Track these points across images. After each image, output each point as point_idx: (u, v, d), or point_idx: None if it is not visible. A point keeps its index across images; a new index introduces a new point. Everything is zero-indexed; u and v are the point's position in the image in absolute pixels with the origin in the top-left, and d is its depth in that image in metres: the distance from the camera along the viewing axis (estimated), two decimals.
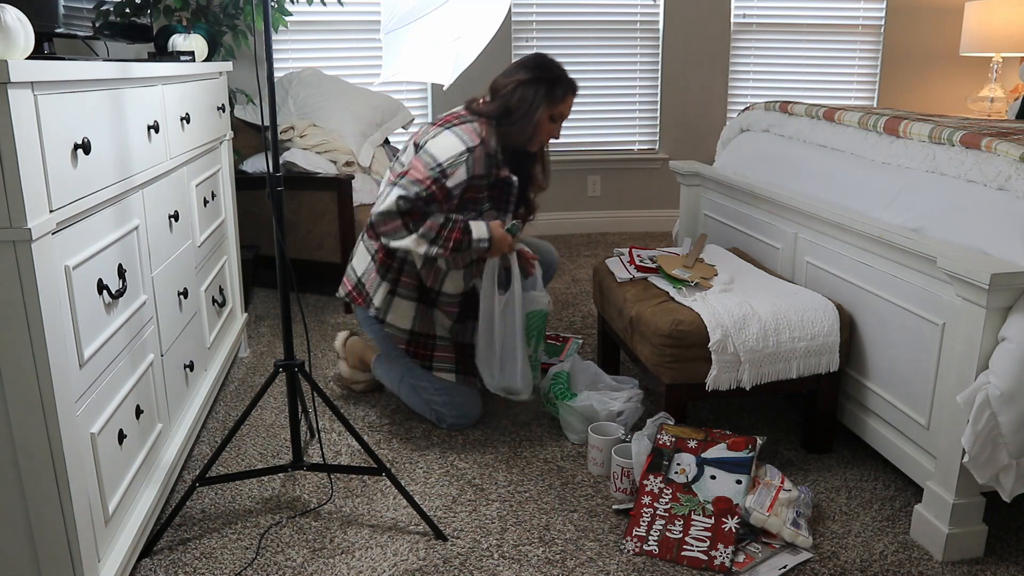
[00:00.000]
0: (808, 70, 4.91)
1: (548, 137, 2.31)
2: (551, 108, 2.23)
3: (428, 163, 2.14)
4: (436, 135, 2.21)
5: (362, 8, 4.37)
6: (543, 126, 2.25)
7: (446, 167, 2.13)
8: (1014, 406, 1.62)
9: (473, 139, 2.18)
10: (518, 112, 2.21)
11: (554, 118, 2.26)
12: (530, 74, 2.22)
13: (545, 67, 2.23)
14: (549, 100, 2.22)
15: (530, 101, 2.20)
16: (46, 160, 1.31)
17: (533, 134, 2.25)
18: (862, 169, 2.40)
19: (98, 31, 2.60)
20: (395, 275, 2.29)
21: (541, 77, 2.21)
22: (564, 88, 2.24)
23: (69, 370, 1.39)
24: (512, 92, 2.21)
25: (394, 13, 2.28)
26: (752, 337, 2.06)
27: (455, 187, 2.15)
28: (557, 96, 2.23)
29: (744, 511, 1.84)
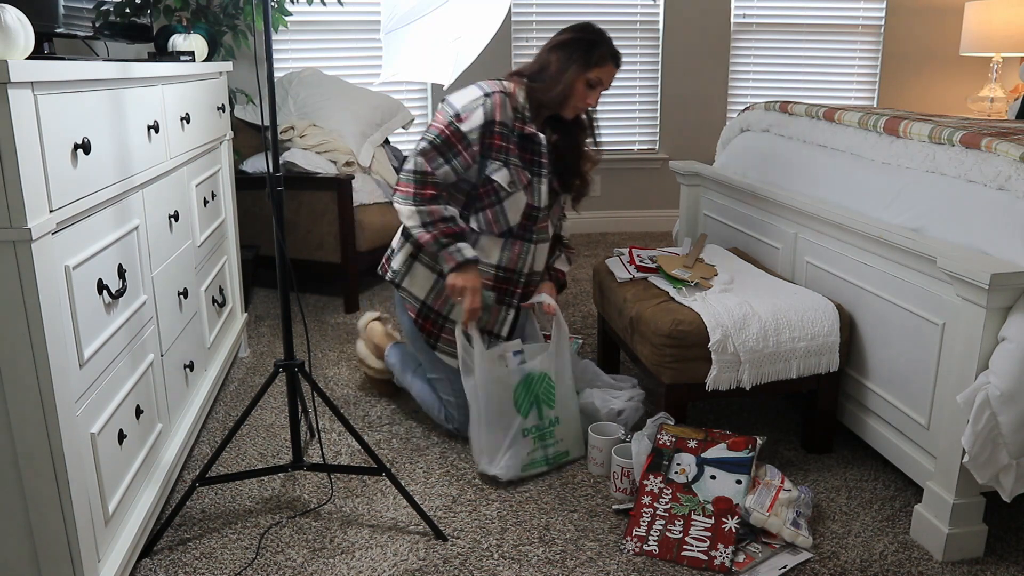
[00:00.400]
0: (808, 70, 4.91)
1: (583, 103, 2.18)
2: (586, 71, 2.13)
3: (446, 111, 2.13)
4: (460, 89, 2.18)
5: (362, 8, 4.37)
6: (577, 89, 2.15)
7: (461, 111, 2.10)
8: (1014, 406, 1.62)
9: (493, 87, 2.14)
10: (550, 69, 2.15)
11: (591, 83, 2.16)
12: (570, 35, 2.17)
13: (587, 29, 2.18)
14: (584, 62, 2.13)
15: (564, 60, 2.13)
16: (46, 160, 1.31)
17: (565, 95, 2.15)
18: (862, 169, 2.40)
19: (98, 31, 2.60)
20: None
21: (580, 38, 2.15)
22: (602, 52, 2.14)
23: (69, 370, 1.39)
24: (548, 50, 2.18)
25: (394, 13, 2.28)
26: (752, 337, 2.06)
27: (470, 131, 2.10)
28: (592, 59, 2.13)
29: (744, 511, 1.84)
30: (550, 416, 2.16)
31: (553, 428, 2.16)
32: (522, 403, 2.12)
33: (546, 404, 2.15)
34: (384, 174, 3.83)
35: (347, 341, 3.12)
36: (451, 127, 2.10)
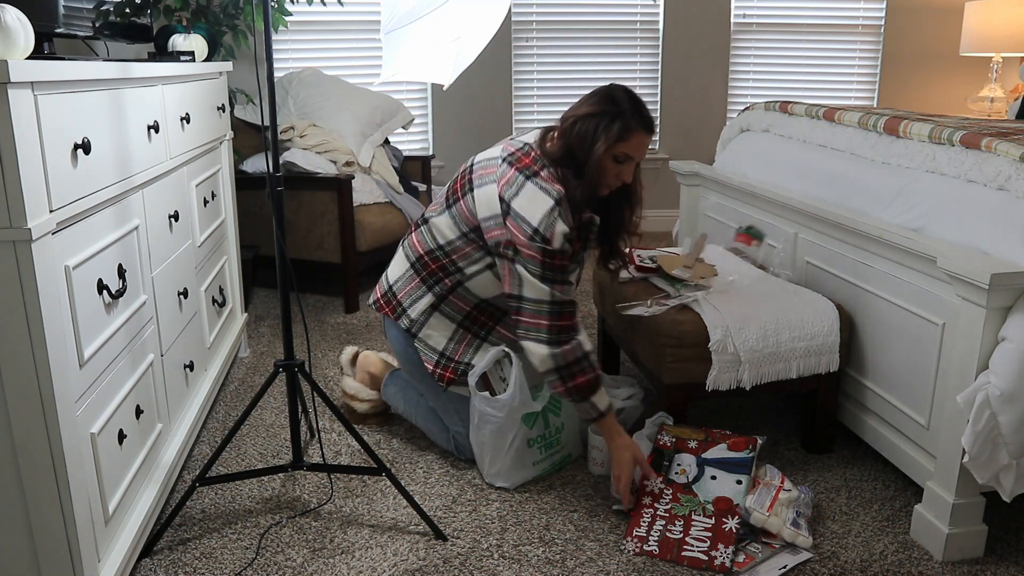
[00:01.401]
0: (808, 70, 4.91)
1: (616, 181, 1.98)
2: (612, 147, 1.91)
3: (526, 231, 1.89)
4: (517, 188, 1.92)
5: (362, 8, 4.37)
6: (606, 167, 1.93)
7: (543, 231, 1.87)
8: (1014, 406, 1.62)
9: (557, 188, 1.90)
10: (579, 151, 1.92)
11: (618, 159, 1.93)
12: (592, 107, 1.93)
13: (611, 100, 1.92)
14: (607, 136, 1.89)
15: (589, 138, 1.90)
16: (46, 160, 1.31)
17: (597, 177, 1.93)
18: (862, 169, 2.40)
19: (98, 31, 2.60)
20: (445, 290, 2.10)
21: (603, 111, 1.91)
22: (627, 124, 1.90)
23: (69, 370, 1.39)
24: (571, 128, 1.94)
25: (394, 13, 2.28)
26: (752, 337, 2.06)
27: (562, 245, 1.89)
28: (614, 132, 1.89)
29: (744, 511, 1.84)
30: (557, 424, 2.14)
31: (559, 435, 2.15)
32: (529, 419, 2.09)
33: (552, 413, 2.14)
34: (384, 174, 3.83)
35: (347, 341, 3.12)
36: (544, 252, 1.88)
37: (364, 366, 2.49)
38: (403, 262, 2.18)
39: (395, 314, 2.16)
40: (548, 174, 1.93)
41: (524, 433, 2.07)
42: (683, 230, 3.25)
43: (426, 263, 2.12)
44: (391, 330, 2.21)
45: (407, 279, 2.16)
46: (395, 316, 2.16)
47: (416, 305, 2.14)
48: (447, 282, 2.10)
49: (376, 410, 2.44)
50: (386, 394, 2.38)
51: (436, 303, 2.12)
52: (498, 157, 2.00)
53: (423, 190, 4.07)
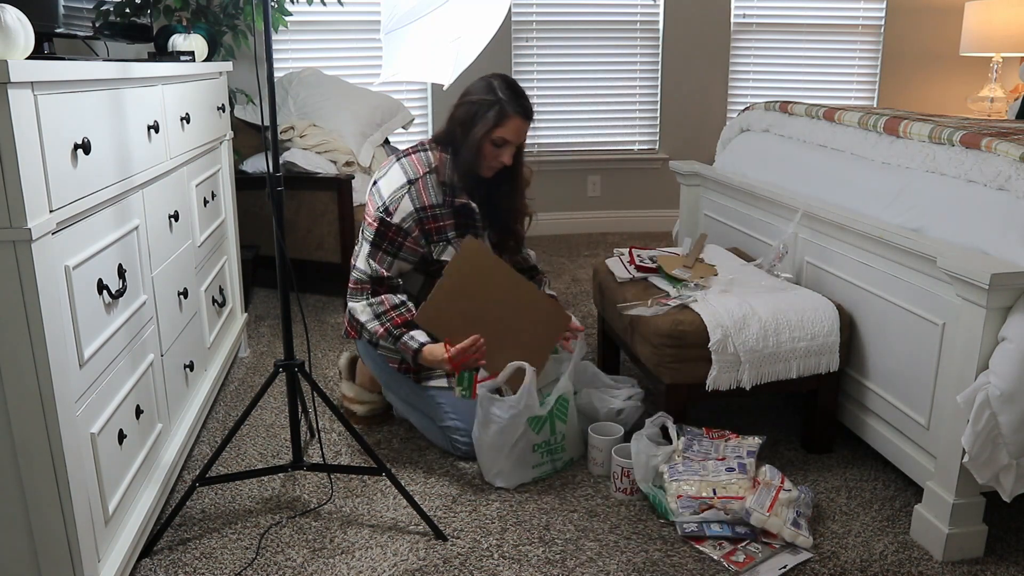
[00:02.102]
0: (808, 70, 4.91)
1: (497, 162, 2.16)
2: (489, 131, 2.10)
3: (376, 202, 2.15)
4: (387, 169, 2.19)
5: (362, 8, 4.37)
6: (485, 150, 2.13)
7: (388, 204, 2.12)
8: (1014, 406, 1.62)
9: (417, 169, 2.15)
10: (459, 134, 2.14)
11: (496, 143, 2.12)
12: (475, 95, 2.14)
13: (490, 88, 2.13)
14: (485, 122, 2.09)
15: (468, 123, 2.12)
16: (46, 160, 1.31)
17: (476, 159, 2.13)
18: (862, 169, 2.40)
19: (98, 31, 2.60)
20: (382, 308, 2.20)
21: (482, 99, 2.12)
22: (502, 111, 2.09)
23: (69, 370, 1.39)
24: (454, 113, 2.17)
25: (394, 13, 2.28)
26: (752, 337, 2.06)
27: (403, 220, 2.12)
28: (490, 119, 2.09)
29: (745, 512, 1.84)
30: (563, 431, 2.14)
31: (564, 441, 2.15)
32: (535, 422, 2.08)
33: (559, 419, 2.13)
34: None
35: (347, 341, 3.12)
36: (382, 222, 2.12)
37: (364, 369, 2.48)
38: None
39: (358, 333, 2.25)
40: (417, 158, 2.15)
41: (530, 438, 2.07)
42: (683, 230, 3.25)
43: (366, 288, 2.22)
44: (361, 348, 2.32)
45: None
46: (358, 335, 2.25)
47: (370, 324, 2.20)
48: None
49: (375, 413, 2.44)
50: (388, 396, 2.40)
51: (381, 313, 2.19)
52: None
53: None
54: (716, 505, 1.85)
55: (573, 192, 4.90)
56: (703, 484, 1.89)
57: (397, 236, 2.13)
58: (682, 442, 2.03)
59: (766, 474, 1.95)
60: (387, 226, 2.12)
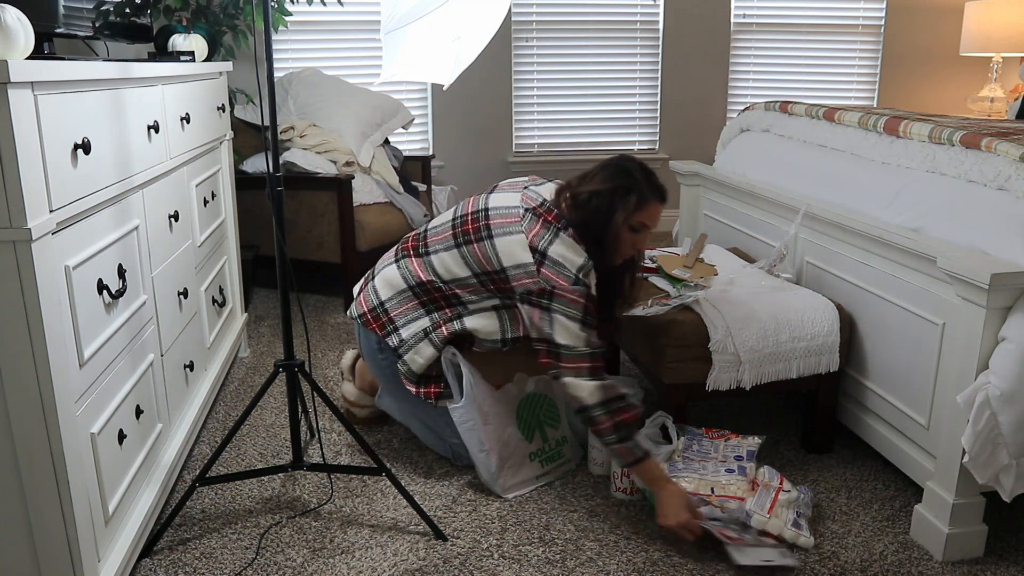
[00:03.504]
0: (808, 70, 4.91)
1: (632, 250, 2.02)
2: (630, 217, 1.94)
3: (567, 276, 1.90)
4: (549, 240, 1.93)
5: (362, 8, 4.37)
6: (623, 238, 1.97)
7: (583, 277, 1.91)
8: (1014, 406, 1.62)
9: (582, 245, 1.94)
10: (595, 224, 1.95)
11: (635, 228, 1.97)
12: (608, 181, 1.96)
13: (625, 172, 1.97)
14: (625, 208, 1.93)
15: (605, 212, 1.93)
16: (46, 160, 1.31)
17: (614, 247, 1.97)
18: (862, 169, 2.40)
19: (98, 31, 2.60)
20: (443, 318, 2.09)
21: (619, 185, 1.95)
22: (642, 195, 1.95)
23: (69, 370, 1.39)
24: (588, 201, 1.95)
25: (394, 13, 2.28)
26: (752, 337, 2.06)
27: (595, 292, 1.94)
28: (631, 204, 1.93)
29: (745, 514, 1.84)
30: (556, 437, 2.14)
31: (561, 448, 2.15)
32: (523, 427, 2.08)
33: (549, 425, 2.12)
34: (384, 174, 3.83)
35: (347, 341, 3.12)
36: (587, 296, 1.91)
37: (364, 373, 2.45)
38: (399, 283, 2.13)
39: (383, 331, 2.12)
40: (574, 233, 1.95)
41: (525, 448, 2.06)
42: (683, 230, 3.25)
43: (428, 290, 2.09)
44: (367, 343, 2.19)
45: (403, 300, 2.12)
46: (383, 333, 2.13)
47: (410, 326, 2.10)
48: (448, 312, 2.09)
49: (375, 415, 2.44)
50: (381, 404, 2.35)
51: (430, 328, 2.09)
52: (519, 207, 1.99)
53: (423, 190, 4.07)
54: (713, 503, 1.85)
55: None
56: (701, 483, 1.89)
57: (595, 307, 1.95)
58: (682, 442, 2.03)
59: (764, 475, 1.95)
60: (591, 300, 1.92)
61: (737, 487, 1.88)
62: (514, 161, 4.77)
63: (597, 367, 1.92)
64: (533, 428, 2.09)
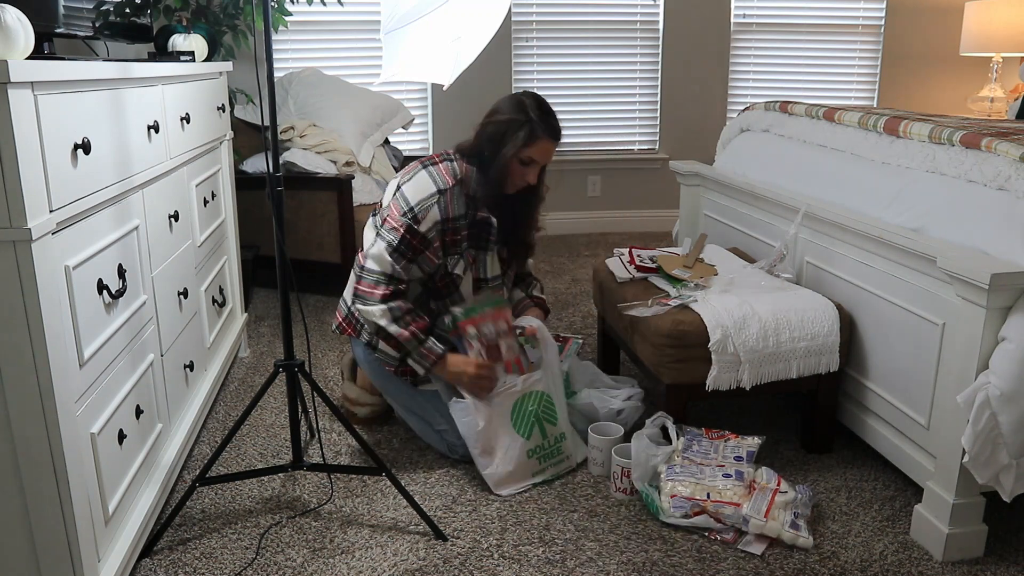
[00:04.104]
0: (808, 70, 4.91)
1: (523, 181, 2.15)
2: (519, 151, 2.09)
3: (401, 207, 2.09)
4: (413, 175, 2.14)
5: (362, 8, 4.37)
6: (512, 169, 2.12)
7: (417, 211, 2.08)
8: (1014, 406, 1.62)
9: (447, 180, 2.12)
10: (487, 151, 2.11)
11: (524, 161, 2.11)
12: (505, 114, 2.12)
13: (521, 107, 2.12)
14: (515, 142, 2.08)
15: (497, 141, 2.09)
16: (46, 160, 1.31)
17: (503, 177, 2.12)
18: (862, 169, 2.40)
19: (98, 31, 2.60)
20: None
21: (512, 118, 2.10)
22: (533, 131, 2.09)
23: (69, 370, 1.39)
24: (483, 130, 2.13)
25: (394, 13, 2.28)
26: (752, 337, 2.06)
27: (428, 230, 2.09)
28: (520, 138, 2.08)
29: (742, 519, 1.85)
30: (555, 434, 2.14)
31: (560, 445, 2.15)
32: (520, 424, 2.09)
33: (548, 422, 2.13)
34: (384, 174, 3.83)
35: (347, 341, 3.12)
36: (409, 229, 2.07)
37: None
38: (353, 282, 2.22)
39: (356, 332, 2.23)
40: (445, 167, 2.11)
41: (522, 445, 2.07)
42: (683, 230, 3.25)
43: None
44: (356, 349, 2.28)
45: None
46: (356, 334, 2.23)
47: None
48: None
49: (376, 415, 2.44)
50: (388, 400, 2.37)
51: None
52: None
53: None
54: (708, 509, 1.85)
55: (573, 192, 4.90)
56: (698, 487, 1.89)
57: (420, 244, 2.10)
58: (682, 442, 2.03)
59: (762, 476, 1.95)
60: (413, 233, 2.08)
61: (734, 492, 1.88)
62: None
63: (388, 296, 2.06)
64: (531, 425, 2.09)
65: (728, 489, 1.88)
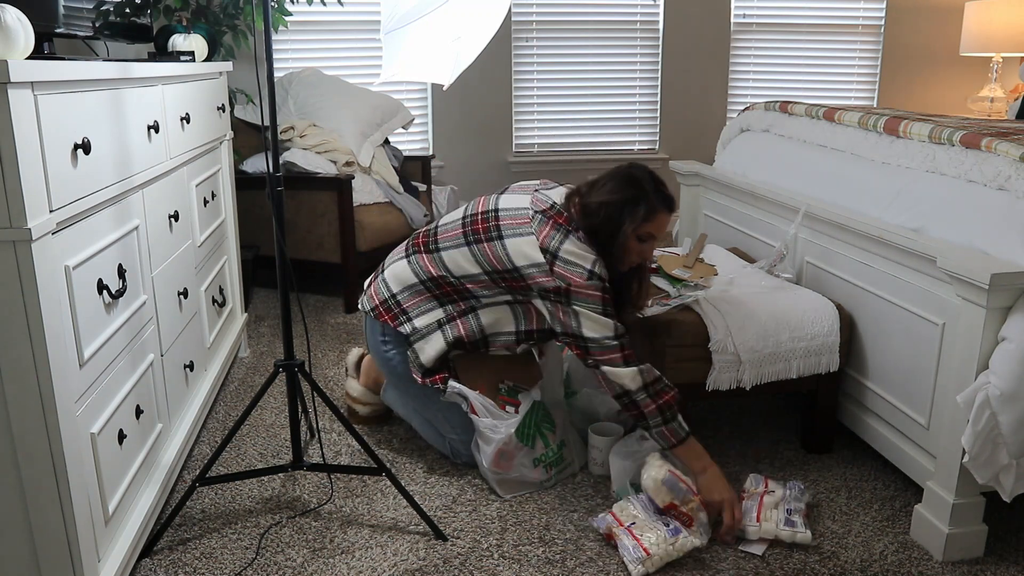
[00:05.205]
0: (808, 70, 4.91)
1: (638, 258, 2.05)
2: (637, 228, 1.98)
3: (580, 273, 1.92)
4: (559, 240, 1.95)
5: (362, 8, 4.37)
6: (630, 247, 2.00)
7: (598, 272, 1.93)
8: (1014, 406, 1.62)
9: (591, 247, 1.97)
10: (603, 233, 1.98)
11: (642, 238, 2.01)
12: (616, 193, 1.99)
13: (634, 183, 2.01)
14: (633, 219, 1.96)
15: (614, 222, 1.97)
16: (46, 160, 1.31)
17: (621, 256, 2.01)
18: (862, 169, 2.40)
19: (98, 31, 2.60)
20: (457, 311, 2.10)
21: (628, 196, 1.98)
22: (652, 206, 1.98)
23: (69, 370, 1.39)
24: (597, 211, 1.98)
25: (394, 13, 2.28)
26: (752, 337, 2.06)
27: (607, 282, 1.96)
28: (640, 215, 1.97)
29: (739, 530, 1.85)
30: (556, 441, 2.13)
31: (563, 451, 2.14)
32: (525, 435, 2.08)
33: (547, 430, 2.12)
34: (384, 174, 3.83)
35: (347, 341, 3.12)
36: (604, 289, 1.94)
37: (369, 370, 2.45)
38: (409, 277, 2.14)
39: (396, 321, 2.14)
40: (584, 236, 1.98)
41: (527, 453, 2.06)
42: (683, 230, 3.25)
43: (439, 284, 2.10)
44: (372, 336, 2.21)
45: (414, 293, 2.13)
46: (396, 323, 2.13)
47: (424, 316, 2.11)
48: (461, 305, 2.10)
49: (377, 414, 2.43)
50: (386, 398, 2.37)
51: (444, 319, 2.10)
52: (528, 209, 2.01)
53: (423, 190, 4.07)
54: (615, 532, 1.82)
55: None
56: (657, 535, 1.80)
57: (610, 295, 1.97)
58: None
59: (751, 483, 1.96)
60: (607, 292, 1.95)
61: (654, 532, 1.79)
62: (514, 161, 4.77)
63: (628, 355, 1.93)
64: (534, 435, 2.09)
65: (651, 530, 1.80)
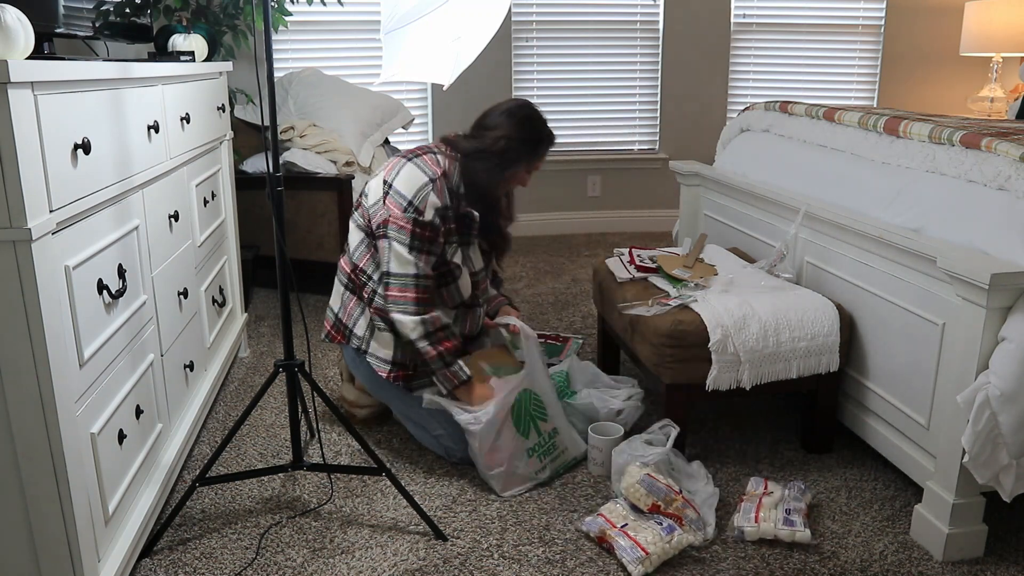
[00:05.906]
0: (808, 70, 4.91)
1: (520, 185, 2.30)
2: (531, 164, 2.23)
3: (400, 204, 2.07)
4: (399, 169, 2.13)
5: (362, 8, 4.37)
6: (521, 177, 2.26)
7: (417, 203, 2.07)
8: (1014, 406, 1.62)
9: (434, 170, 2.12)
10: (494, 160, 2.17)
11: (530, 171, 2.27)
12: (519, 131, 2.18)
13: (534, 124, 2.21)
14: (530, 158, 2.22)
15: (513, 158, 2.18)
16: (46, 160, 1.31)
17: (506, 182, 2.24)
18: (862, 169, 2.40)
19: (98, 31, 2.60)
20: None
21: (529, 138, 2.20)
22: (546, 146, 2.24)
23: (69, 370, 1.39)
24: (495, 142, 2.17)
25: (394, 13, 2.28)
26: (752, 337, 2.06)
27: (432, 218, 2.08)
28: (539, 154, 2.23)
29: (738, 532, 1.85)
30: (548, 430, 2.14)
31: (554, 439, 2.15)
32: (519, 425, 2.09)
33: (540, 419, 2.13)
34: None
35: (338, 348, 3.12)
36: (416, 223, 2.06)
37: None
38: (338, 288, 2.28)
39: (346, 338, 2.25)
40: (430, 159, 2.13)
41: (522, 444, 2.07)
42: (683, 230, 3.25)
43: (353, 279, 2.21)
44: (347, 355, 2.30)
45: (345, 302, 2.26)
46: (346, 340, 2.24)
47: (359, 322, 2.23)
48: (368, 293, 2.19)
49: (375, 415, 2.44)
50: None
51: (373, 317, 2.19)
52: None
53: None
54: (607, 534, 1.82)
55: (573, 192, 4.89)
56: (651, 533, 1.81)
57: (431, 233, 2.09)
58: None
59: (751, 485, 1.96)
60: (421, 225, 2.07)
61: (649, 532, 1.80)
62: None
63: (421, 298, 2.07)
64: (528, 425, 2.09)
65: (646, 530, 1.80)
